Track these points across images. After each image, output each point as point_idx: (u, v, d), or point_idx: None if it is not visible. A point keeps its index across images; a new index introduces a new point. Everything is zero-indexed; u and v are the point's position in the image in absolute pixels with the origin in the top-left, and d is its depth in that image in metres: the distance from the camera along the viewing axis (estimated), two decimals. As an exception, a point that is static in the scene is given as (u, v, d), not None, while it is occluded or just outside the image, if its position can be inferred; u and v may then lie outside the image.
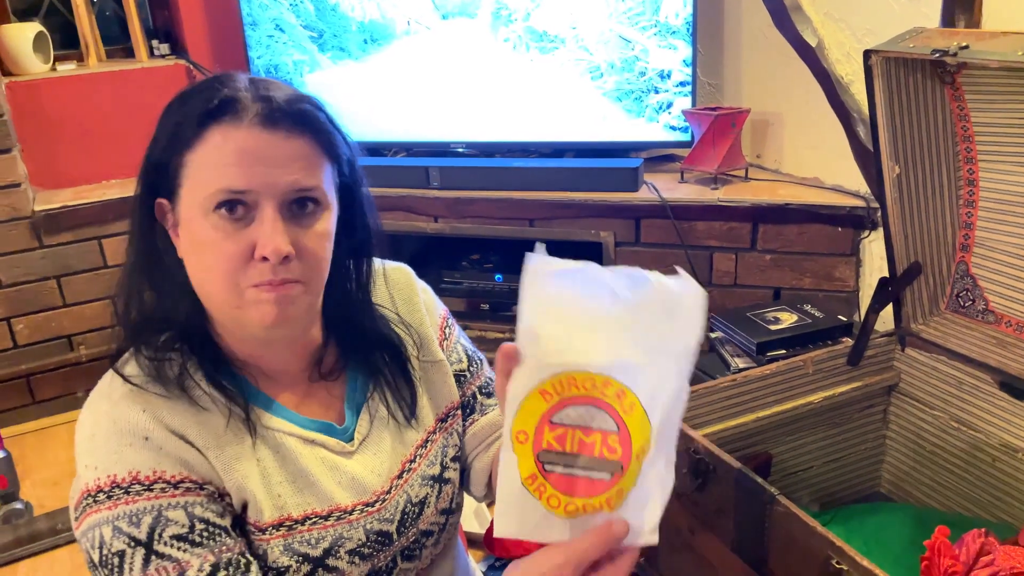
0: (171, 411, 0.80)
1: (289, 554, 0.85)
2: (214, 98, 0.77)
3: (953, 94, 1.04)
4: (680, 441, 0.94)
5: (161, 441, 0.79)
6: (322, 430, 0.90)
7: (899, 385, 1.19)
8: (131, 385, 0.81)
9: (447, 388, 1.01)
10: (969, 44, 0.93)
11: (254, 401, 0.87)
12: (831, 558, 0.73)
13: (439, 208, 2.41)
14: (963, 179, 1.09)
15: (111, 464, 0.78)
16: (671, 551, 1.01)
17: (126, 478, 0.77)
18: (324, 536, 0.86)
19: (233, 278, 0.79)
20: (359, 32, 2.48)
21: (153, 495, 0.77)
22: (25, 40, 2.56)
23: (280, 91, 0.80)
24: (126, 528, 0.76)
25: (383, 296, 0.99)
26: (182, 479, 0.79)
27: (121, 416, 0.79)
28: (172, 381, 0.82)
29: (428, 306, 1.04)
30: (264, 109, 0.77)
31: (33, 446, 2.55)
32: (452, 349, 1.05)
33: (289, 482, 0.86)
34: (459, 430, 1.03)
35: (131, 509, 0.76)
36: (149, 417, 0.79)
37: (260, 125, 0.77)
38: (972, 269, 1.11)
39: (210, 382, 0.83)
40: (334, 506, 0.88)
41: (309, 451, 0.88)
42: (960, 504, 1.14)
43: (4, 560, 2.08)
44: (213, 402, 0.83)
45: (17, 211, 2.51)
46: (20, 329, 2.61)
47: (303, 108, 0.80)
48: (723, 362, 1.88)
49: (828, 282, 2.09)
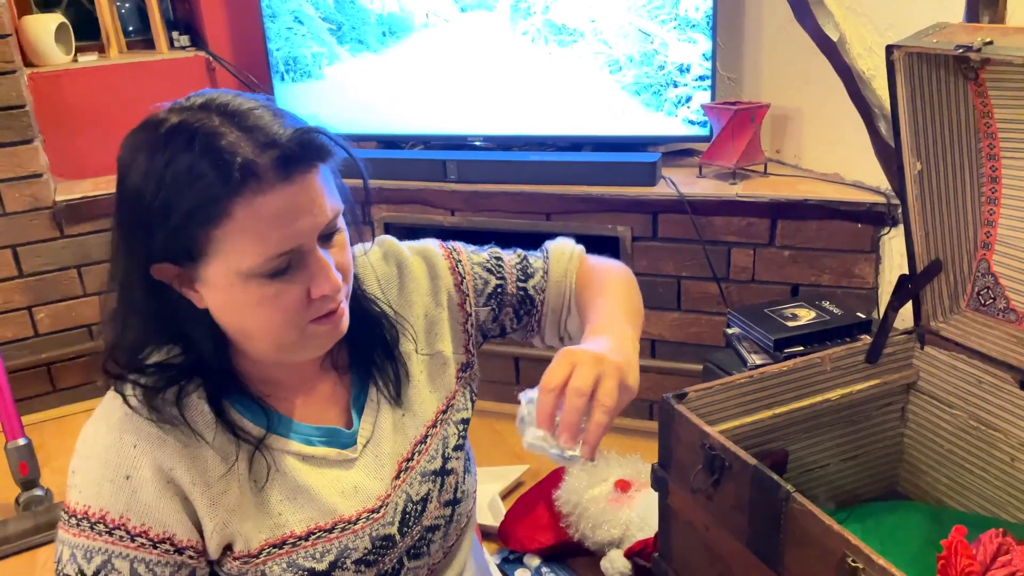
0: (162, 446, 0.81)
1: (292, 570, 0.85)
2: (227, 170, 0.71)
3: (976, 90, 1.03)
4: (695, 436, 0.94)
5: (139, 484, 0.80)
6: (326, 436, 0.89)
7: (918, 383, 1.18)
8: (128, 409, 0.81)
9: (446, 379, 0.99)
10: (993, 40, 0.92)
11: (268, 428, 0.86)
12: (847, 556, 0.73)
13: (456, 201, 2.41)
14: (985, 176, 1.08)
15: (90, 496, 0.80)
16: (685, 547, 1.01)
17: (96, 514, 0.80)
18: (329, 549, 0.86)
19: (294, 324, 0.79)
20: (378, 24, 2.48)
21: (111, 540, 0.80)
22: (47, 31, 2.58)
23: (276, 124, 0.75)
24: (79, 559, 0.80)
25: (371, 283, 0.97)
26: (141, 532, 0.80)
27: (113, 446, 0.81)
28: (169, 406, 0.81)
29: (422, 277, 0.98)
30: (278, 160, 0.73)
31: (53, 434, 2.58)
32: (475, 281, 1.00)
33: (289, 499, 0.86)
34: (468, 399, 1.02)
35: (89, 545, 0.80)
36: (139, 454, 0.80)
37: (281, 180, 0.73)
38: (994, 267, 1.10)
39: (218, 416, 0.83)
40: (337, 518, 0.87)
41: (308, 467, 0.88)
42: (978, 503, 1.14)
43: (24, 546, 2.10)
44: (214, 432, 0.83)
45: (39, 201, 2.54)
46: (41, 318, 2.64)
47: (309, 143, 0.75)
48: (740, 358, 1.87)
49: (847, 279, 2.08)
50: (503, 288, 1.01)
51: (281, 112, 0.77)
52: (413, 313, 0.98)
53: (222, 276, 0.76)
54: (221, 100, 0.76)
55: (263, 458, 0.85)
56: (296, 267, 0.77)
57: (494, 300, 1.01)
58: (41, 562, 2.07)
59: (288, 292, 0.77)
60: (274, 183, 0.73)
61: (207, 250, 0.75)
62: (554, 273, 1.03)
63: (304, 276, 0.77)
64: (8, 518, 2.16)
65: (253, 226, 0.73)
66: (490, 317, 1.02)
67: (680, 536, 1.01)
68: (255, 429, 0.85)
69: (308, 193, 0.75)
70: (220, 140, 0.72)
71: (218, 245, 0.74)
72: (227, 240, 0.73)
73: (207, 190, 0.71)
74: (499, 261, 1.03)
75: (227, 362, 0.85)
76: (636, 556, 1.12)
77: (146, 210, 0.74)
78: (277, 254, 0.75)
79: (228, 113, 0.74)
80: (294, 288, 0.77)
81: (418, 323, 0.98)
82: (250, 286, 0.76)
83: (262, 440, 0.85)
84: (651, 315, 2.35)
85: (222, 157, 0.71)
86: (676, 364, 2.36)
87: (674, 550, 1.04)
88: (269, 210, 0.73)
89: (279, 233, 0.74)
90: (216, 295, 0.78)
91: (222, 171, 0.71)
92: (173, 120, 0.74)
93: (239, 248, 0.74)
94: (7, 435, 2.13)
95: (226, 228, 0.73)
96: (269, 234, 0.73)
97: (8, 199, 2.51)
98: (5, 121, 2.44)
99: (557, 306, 1.03)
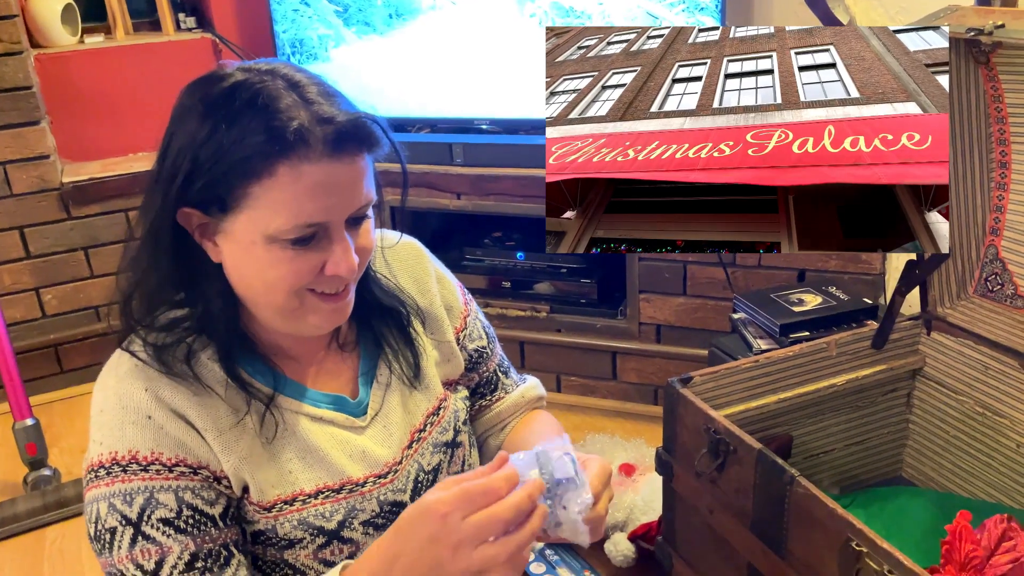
0: (173, 391, 0.81)
1: (303, 528, 0.86)
2: (280, 131, 0.74)
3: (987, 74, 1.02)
4: (700, 420, 0.94)
5: (162, 421, 0.80)
6: (334, 403, 0.91)
7: (924, 369, 1.18)
8: (137, 361, 0.82)
9: (452, 366, 1.03)
10: (1005, 23, 0.91)
11: (276, 389, 0.88)
12: (851, 540, 0.73)
13: (462, 185, 2.41)
14: (995, 161, 1.07)
15: (114, 440, 0.80)
16: (689, 531, 1.02)
17: (125, 456, 0.79)
18: (337, 509, 0.88)
19: (299, 290, 0.81)
20: (384, 7, 2.47)
21: (148, 476, 0.79)
22: (53, 13, 2.58)
23: (333, 104, 0.78)
24: (119, 506, 0.78)
25: (379, 263, 0.99)
26: (178, 462, 0.80)
27: (126, 393, 0.81)
28: (179, 363, 0.82)
29: (445, 289, 1.04)
30: (330, 136, 0.76)
31: (61, 414, 2.60)
32: (471, 327, 1.06)
33: (299, 458, 0.87)
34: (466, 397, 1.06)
35: (126, 488, 0.78)
36: (151, 396, 0.80)
37: (328, 155, 0.76)
38: (1002, 253, 1.10)
39: (229, 375, 0.84)
40: (346, 479, 0.89)
41: (318, 428, 0.89)
42: (983, 490, 1.14)
43: (33, 525, 2.13)
44: (224, 387, 0.84)
45: (46, 183, 2.55)
46: (49, 299, 2.65)
47: (363, 128, 0.78)
48: (745, 343, 1.87)
49: (854, 264, 2.07)
50: (486, 355, 1.08)
51: (338, 93, 0.81)
52: (425, 301, 1.01)
53: (247, 232, 0.78)
54: (286, 70, 0.80)
55: (272, 415, 0.86)
56: (319, 241, 0.79)
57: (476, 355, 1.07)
58: (50, 540, 2.09)
59: (304, 261, 0.79)
60: (321, 156, 0.75)
61: (241, 204, 0.76)
62: (523, 389, 1.13)
63: (324, 251, 0.79)
64: (16, 497, 2.18)
65: (291, 190, 0.75)
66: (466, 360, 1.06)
67: (684, 520, 1.02)
68: (264, 388, 0.86)
69: (350, 174, 0.78)
70: (280, 103, 0.75)
71: (253, 201, 0.76)
72: (263, 198, 0.76)
73: (259, 145, 0.74)
74: (493, 337, 1.11)
75: (236, 321, 0.86)
76: (640, 539, 1.13)
77: (195, 154, 0.76)
78: (306, 224, 0.77)
79: (292, 83, 0.78)
80: (311, 259, 0.79)
81: (431, 310, 1.01)
82: (272, 249, 0.77)
83: (272, 398, 0.86)
84: (657, 300, 2.35)
85: (279, 118, 0.74)
86: (682, 349, 2.36)
87: (678, 533, 1.04)
88: (310, 179, 0.75)
89: (313, 204, 0.76)
90: (233, 249, 0.80)
91: (277, 131, 0.74)
92: (239, 77, 0.78)
93: (272, 208, 0.76)
94: (15, 415, 2.15)
95: (266, 185, 0.75)
96: (304, 203, 0.76)
97: (15, 180, 2.51)
98: (12, 102, 2.44)
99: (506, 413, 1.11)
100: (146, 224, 0.81)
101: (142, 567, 0.78)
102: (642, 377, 2.47)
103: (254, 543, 0.87)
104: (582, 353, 2.49)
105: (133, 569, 0.78)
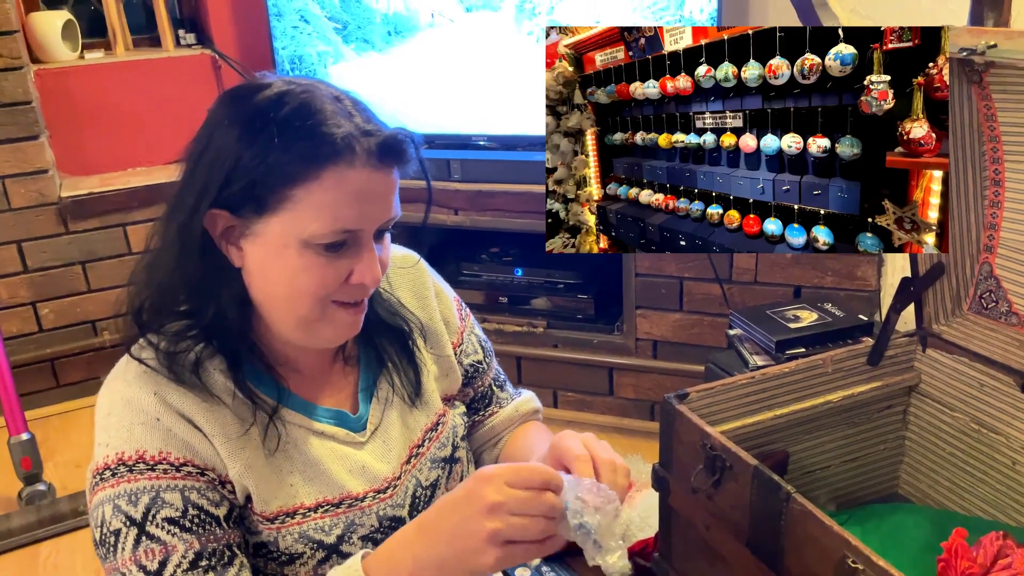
0: (182, 396, 0.82)
1: (303, 541, 0.86)
2: (330, 137, 0.77)
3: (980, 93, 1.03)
4: (696, 436, 0.94)
5: (170, 424, 0.80)
6: (335, 418, 0.91)
7: (919, 386, 1.18)
8: (145, 367, 0.82)
9: (450, 381, 1.03)
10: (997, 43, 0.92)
11: (280, 402, 0.88)
12: (847, 557, 0.73)
13: (459, 200, 2.42)
14: (989, 179, 1.08)
15: (121, 441, 0.80)
16: (685, 547, 1.01)
17: (132, 456, 0.79)
18: (336, 523, 0.88)
19: (321, 300, 0.82)
20: (383, 24, 2.49)
21: (155, 475, 0.79)
22: (54, 28, 2.59)
23: (371, 118, 0.82)
24: (124, 507, 0.78)
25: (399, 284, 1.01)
26: (185, 462, 0.80)
27: (134, 396, 0.81)
28: (186, 370, 0.83)
29: (443, 304, 1.05)
30: (374, 147, 0.79)
31: (57, 429, 2.59)
32: (467, 341, 1.06)
33: (300, 471, 0.87)
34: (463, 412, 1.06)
35: (132, 488, 0.78)
36: (159, 400, 0.81)
37: (371, 166, 0.79)
38: (996, 270, 1.10)
39: (236, 385, 0.84)
40: (345, 493, 0.89)
41: (319, 442, 0.89)
42: (979, 507, 1.14)
43: (27, 540, 2.11)
44: (231, 397, 0.84)
45: (44, 197, 2.55)
46: (46, 314, 2.65)
47: (401, 143, 0.81)
48: (741, 359, 1.87)
49: (849, 281, 2.08)
50: (482, 369, 1.09)
51: (371, 110, 0.84)
52: (425, 315, 1.02)
53: (281, 235, 0.78)
54: (326, 85, 0.83)
55: (275, 428, 0.86)
56: (349, 248, 0.81)
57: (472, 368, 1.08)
58: (44, 556, 2.08)
59: (332, 268, 0.80)
60: (365, 164, 0.78)
61: (280, 206, 0.78)
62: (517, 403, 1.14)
63: (352, 259, 0.81)
64: (11, 512, 2.17)
65: (333, 195, 0.77)
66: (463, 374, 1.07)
67: (680, 536, 1.01)
68: (269, 400, 0.87)
69: (386, 185, 0.81)
70: (327, 111, 0.79)
71: (293, 204, 0.77)
72: (305, 200, 0.77)
73: (308, 149, 0.76)
74: (491, 352, 1.12)
75: (248, 330, 0.86)
76: (637, 556, 1.12)
77: (239, 155, 0.77)
78: (343, 229, 0.78)
79: (335, 96, 0.81)
80: (339, 267, 0.81)
81: (430, 325, 1.03)
82: (305, 253, 0.79)
83: (276, 409, 0.86)
84: (653, 315, 2.35)
85: (328, 125, 0.77)
86: (678, 365, 2.36)
87: (674, 550, 1.04)
88: (353, 185, 0.78)
89: (351, 211, 0.78)
90: (261, 253, 0.80)
91: (327, 137, 0.77)
92: (283, 86, 0.80)
93: (313, 212, 0.77)
94: (10, 430, 2.14)
95: (309, 188, 0.77)
96: (343, 208, 0.78)
97: (14, 195, 2.52)
98: (12, 117, 2.45)
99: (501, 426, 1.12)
100: (175, 225, 0.81)
101: (145, 568, 0.78)
102: (638, 393, 2.47)
103: (255, 556, 0.87)
104: (578, 368, 2.49)
105: (136, 571, 0.78)
